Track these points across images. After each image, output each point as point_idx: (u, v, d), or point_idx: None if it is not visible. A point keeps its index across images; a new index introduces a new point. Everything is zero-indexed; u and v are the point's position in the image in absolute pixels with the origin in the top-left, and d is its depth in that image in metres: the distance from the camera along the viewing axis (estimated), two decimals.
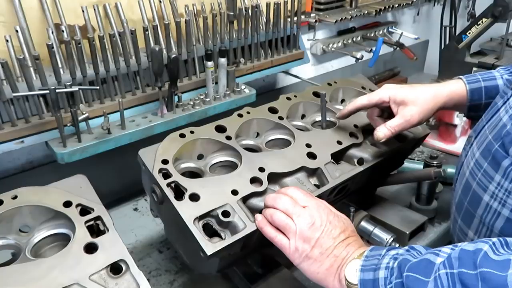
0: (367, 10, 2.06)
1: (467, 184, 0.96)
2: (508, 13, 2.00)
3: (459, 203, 1.00)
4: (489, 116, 0.97)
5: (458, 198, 1.00)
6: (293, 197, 0.90)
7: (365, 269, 0.76)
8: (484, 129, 0.96)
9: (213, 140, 1.09)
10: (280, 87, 2.03)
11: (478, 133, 0.99)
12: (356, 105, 1.14)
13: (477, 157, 0.93)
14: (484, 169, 0.90)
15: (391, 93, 1.08)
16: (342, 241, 0.84)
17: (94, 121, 1.28)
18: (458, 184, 1.02)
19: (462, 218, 0.99)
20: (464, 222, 0.99)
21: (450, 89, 1.11)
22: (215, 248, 0.86)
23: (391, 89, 1.09)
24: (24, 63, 1.13)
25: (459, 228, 1.01)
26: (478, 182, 0.92)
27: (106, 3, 1.32)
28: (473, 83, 1.12)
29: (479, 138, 0.96)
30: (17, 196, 0.90)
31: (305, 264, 0.85)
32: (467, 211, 0.96)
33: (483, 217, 0.92)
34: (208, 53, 1.43)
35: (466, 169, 0.98)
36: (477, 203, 0.92)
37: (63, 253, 0.82)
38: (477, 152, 0.94)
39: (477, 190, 0.92)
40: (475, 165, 0.94)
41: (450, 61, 2.28)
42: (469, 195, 0.95)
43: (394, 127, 1.06)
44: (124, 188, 1.54)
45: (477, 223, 0.94)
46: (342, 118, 1.20)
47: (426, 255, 0.72)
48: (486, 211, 0.90)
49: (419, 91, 1.08)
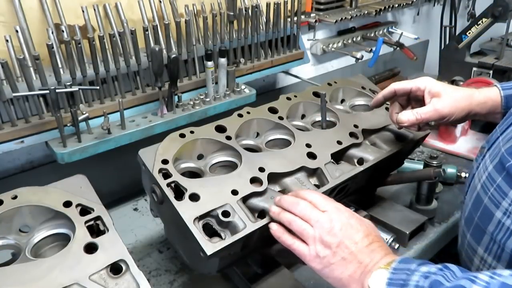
0: (367, 10, 2.06)
1: (478, 198, 0.92)
2: (508, 13, 2.00)
3: (469, 218, 0.96)
4: (503, 128, 0.93)
5: (468, 212, 0.96)
6: (312, 201, 0.86)
7: (393, 283, 0.71)
8: (498, 141, 0.92)
9: (213, 140, 1.09)
10: (280, 87, 2.03)
11: (491, 144, 0.95)
12: (391, 89, 1.12)
13: (489, 171, 0.90)
14: (498, 184, 0.86)
15: (427, 83, 1.07)
16: (366, 246, 0.80)
17: (94, 121, 1.28)
18: (469, 197, 0.98)
19: (472, 234, 0.95)
20: (473, 238, 0.94)
21: (485, 94, 1.08)
22: (215, 248, 0.86)
23: (428, 80, 1.08)
24: (24, 63, 1.13)
25: (468, 244, 0.97)
26: (490, 197, 0.88)
27: (106, 3, 1.32)
28: (508, 89, 1.09)
29: (492, 151, 0.93)
30: (17, 196, 0.90)
31: (327, 270, 0.81)
32: (477, 227, 0.92)
33: (494, 235, 0.87)
34: (208, 53, 1.43)
35: (478, 182, 0.93)
36: (489, 219, 0.88)
37: (63, 253, 0.82)
38: (490, 165, 0.90)
39: (488, 206, 0.88)
40: (488, 179, 0.90)
41: (450, 61, 2.28)
42: (480, 210, 0.91)
43: (421, 114, 1.04)
44: (124, 188, 1.54)
45: (487, 240, 0.89)
46: (377, 105, 1.18)
47: (461, 280, 0.66)
48: (498, 229, 0.85)
49: (455, 88, 1.08)
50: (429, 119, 1.05)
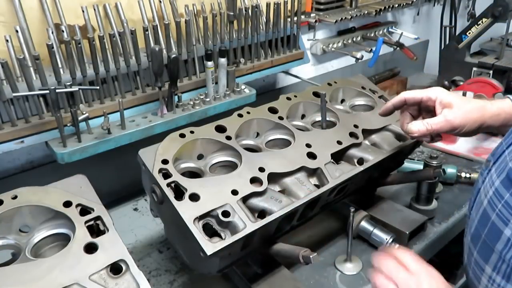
0: (367, 10, 2.06)
1: (485, 215, 0.88)
2: (508, 13, 2.01)
3: (476, 234, 0.92)
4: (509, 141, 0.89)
5: (475, 228, 0.92)
6: (401, 261, 0.83)
7: None
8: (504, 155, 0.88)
9: (213, 140, 1.09)
10: (280, 87, 2.03)
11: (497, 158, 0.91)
12: (401, 98, 1.10)
13: (496, 186, 0.86)
14: (506, 201, 0.82)
15: (439, 93, 1.05)
16: None
17: (94, 121, 1.28)
18: (474, 212, 0.94)
19: (479, 251, 0.91)
20: (480, 255, 0.90)
21: (498, 106, 1.05)
22: (215, 248, 0.86)
23: (440, 90, 1.06)
24: (24, 63, 1.13)
25: (475, 262, 0.93)
26: (498, 214, 0.84)
27: (106, 3, 1.32)
28: None
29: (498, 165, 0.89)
30: (17, 196, 0.90)
31: None
32: (485, 244, 0.88)
33: (503, 253, 0.82)
34: (208, 53, 1.43)
35: (484, 198, 0.90)
36: (497, 237, 0.84)
37: (63, 253, 0.82)
38: (496, 180, 0.87)
39: (496, 223, 0.84)
40: (495, 194, 0.86)
41: (450, 61, 2.28)
42: (487, 227, 0.87)
43: (432, 125, 1.02)
44: (124, 188, 1.54)
45: (495, 259, 0.85)
46: (387, 113, 1.16)
47: None
48: (507, 247, 0.81)
49: (467, 100, 1.05)
50: (440, 130, 1.02)
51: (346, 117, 1.27)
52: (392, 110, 1.15)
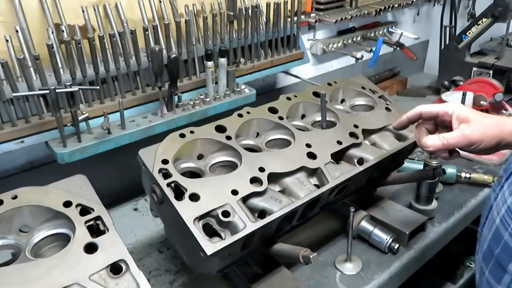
0: (367, 10, 2.06)
1: (497, 233, 0.86)
2: (508, 13, 2.01)
3: (488, 253, 0.90)
4: None
5: (487, 246, 0.90)
6: None
7: None
8: None
9: (213, 140, 1.09)
10: (280, 87, 2.03)
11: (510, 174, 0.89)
12: (416, 111, 1.05)
13: (509, 204, 0.84)
14: None
15: (456, 108, 1.00)
16: None
17: (94, 121, 1.28)
18: (487, 230, 0.92)
19: (491, 271, 0.89)
20: (492, 275, 0.88)
21: None
22: (215, 248, 0.86)
23: (457, 105, 1.02)
24: (24, 63, 1.13)
25: (486, 282, 0.91)
26: (511, 233, 0.82)
27: (106, 3, 1.32)
28: None
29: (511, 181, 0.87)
30: (17, 196, 0.90)
31: None
32: (497, 264, 0.86)
33: None
34: (208, 53, 1.43)
35: (496, 215, 0.88)
36: (510, 257, 0.82)
37: (63, 253, 0.82)
38: (509, 198, 0.85)
39: (509, 242, 0.82)
40: (507, 212, 0.84)
41: (450, 61, 2.28)
42: (500, 246, 0.85)
43: (449, 139, 0.96)
44: (124, 188, 1.54)
45: (508, 280, 0.83)
46: (401, 127, 1.10)
47: None
48: None
49: (485, 115, 1.00)
50: (457, 145, 0.97)
51: (346, 117, 1.27)
52: (407, 124, 1.09)
